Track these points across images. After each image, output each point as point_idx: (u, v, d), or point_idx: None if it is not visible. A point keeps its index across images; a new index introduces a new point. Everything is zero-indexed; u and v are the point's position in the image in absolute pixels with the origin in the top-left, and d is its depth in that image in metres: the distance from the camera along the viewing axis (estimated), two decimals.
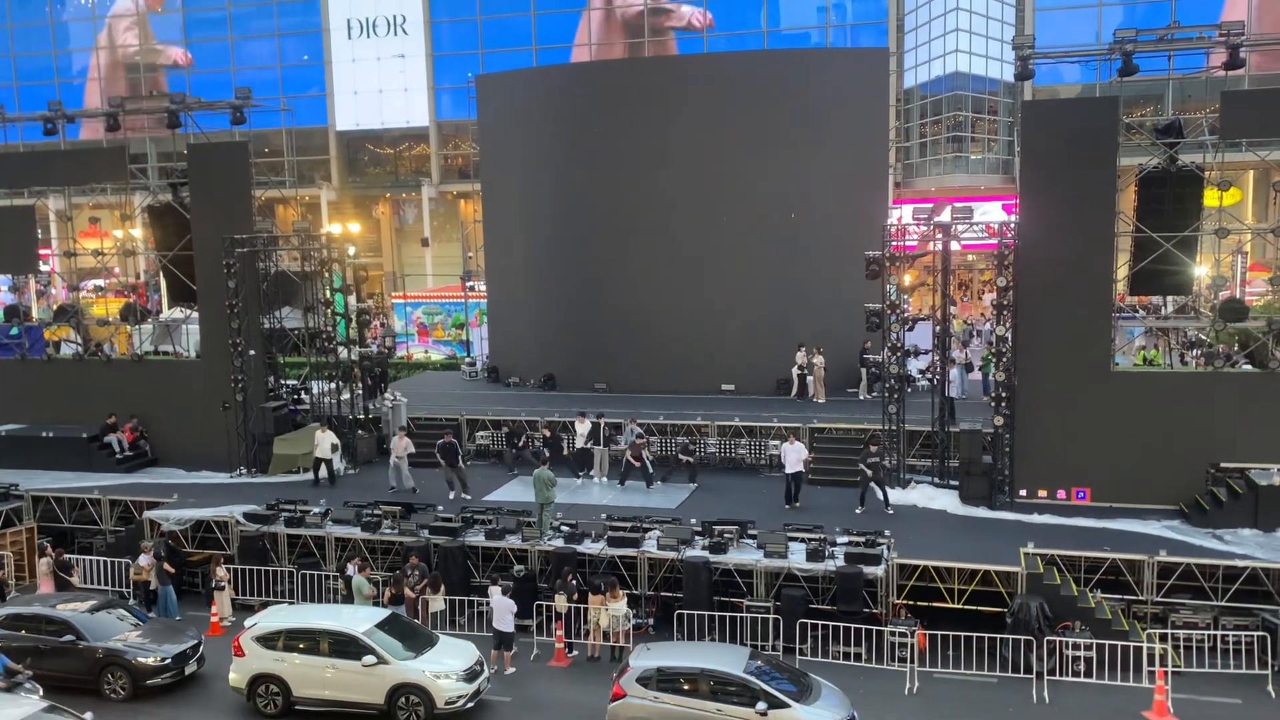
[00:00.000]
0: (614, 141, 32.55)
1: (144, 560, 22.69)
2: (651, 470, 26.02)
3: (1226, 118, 22.18)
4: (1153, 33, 23.13)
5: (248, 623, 18.67)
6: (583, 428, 26.86)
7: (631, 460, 25.86)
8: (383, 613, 18.82)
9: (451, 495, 24.97)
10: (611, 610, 19.54)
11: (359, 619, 18.30)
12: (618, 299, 32.78)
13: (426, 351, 47.64)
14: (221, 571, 22.25)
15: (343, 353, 29.22)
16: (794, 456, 23.97)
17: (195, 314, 29.85)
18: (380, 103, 62.40)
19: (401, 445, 26.08)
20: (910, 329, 25.16)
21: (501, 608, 19.33)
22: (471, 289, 45.89)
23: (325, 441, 26.45)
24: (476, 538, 22.09)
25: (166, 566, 22.54)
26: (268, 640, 18.00)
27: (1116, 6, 50.93)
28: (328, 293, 28.92)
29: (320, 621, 18.29)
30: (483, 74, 44.56)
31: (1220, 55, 22.85)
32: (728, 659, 16.58)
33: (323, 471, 26.52)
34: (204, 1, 63.60)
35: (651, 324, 32.29)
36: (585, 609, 19.96)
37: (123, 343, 35.65)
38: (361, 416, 29.29)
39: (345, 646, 17.61)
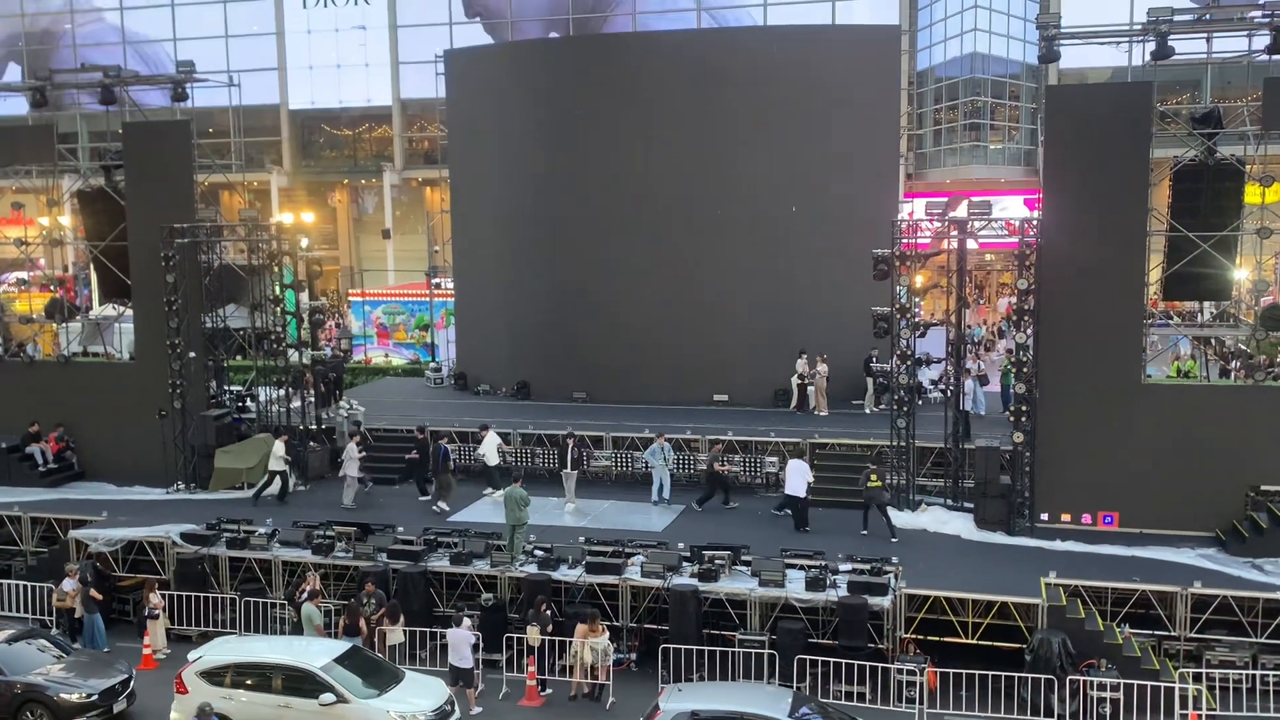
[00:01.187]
0: (598, 125, 32.58)
1: (68, 585, 22.52)
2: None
3: (1270, 106, 22.38)
4: (1190, 12, 23.34)
5: (191, 656, 18.56)
6: (489, 443, 26.79)
7: (717, 470, 25.72)
8: (342, 645, 18.74)
9: (437, 506, 25.34)
10: (592, 644, 19.51)
11: (316, 652, 18.21)
12: (600, 299, 32.79)
13: (387, 355, 47.51)
14: (155, 598, 22.12)
15: (293, 356, 29.11)
16: (798, 478, 23.96)
17: (129, 311, 29.70)
18: (338, 79, 62.21)
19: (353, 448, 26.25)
20: (922, 335, 25.26)
21: (458, 641, 19.31)
22: (437, 286, 45.80)
23: (279, 450, 26.47)
24: (440, 563, 22.04)
25: (94, 592, 22.37)
26: (214, 675, 17.89)
27: None
28: (277, 289, 28.81)
29: (273, 655, 18.19)
30: (452, 48, 44.56)
31: (1264, 38, 23.04)
32: (768, 701, 16.63)
33: (274, 486, 26.44)
34: None
35: (637, 327, 32.30)
36: (560, 643, 19.91)
37: (48, 343, 35.47)
38: (314, 427, 29.19)
39: (301, 683, 17.51)
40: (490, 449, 26.94)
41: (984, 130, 52.93)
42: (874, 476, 23.50)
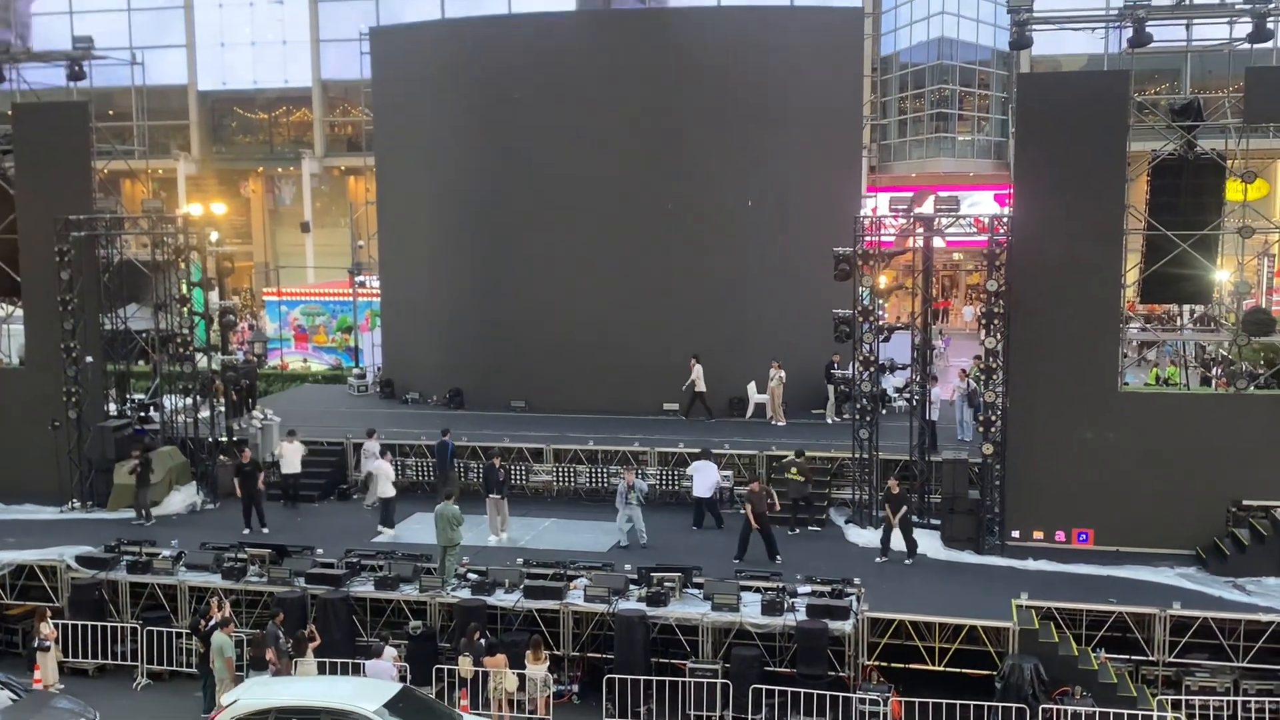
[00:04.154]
0: (537, 111, 32.56)
1: None
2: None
3: (1252, 98, 22.77)
4: None
5: (224, 700, 18.01)
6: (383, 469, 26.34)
7: (760, 516, 23.47)
8: (393, 687, 18.21)
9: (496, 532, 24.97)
10: (530, 674, 19.41)
11: (365, 695, 17.50)
12: (541, 300, 32.76)
13: (305, 360, 47.19)
14: (46, 628, 21.69)
15: (201, 361, 28.83)
16: (704, 479, 25.14)
17: (19, 312, 29.25)
18: (253, 58, 61.71)
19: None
20: (885, 339, 25.52)
21: (378, 673, 19.13)
22: (361, 285, 45.57)
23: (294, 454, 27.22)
24: (364, 587, 21.89)
25: None
26: None
27: None
28: (184, 287, 28.55)
29: (319, 698, 17.57)
30: (378, 25, 44.39)
31: (1246, 25, 23.55)
32: None
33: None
34: None
35: (581, 331, 32.32)
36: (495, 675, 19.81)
37: None
38: (224, 439, 28.89)
39: None
40: (383, 477, 26.01)
41: (952, 121, 53.63)
42: (794, 469, 24.67)
